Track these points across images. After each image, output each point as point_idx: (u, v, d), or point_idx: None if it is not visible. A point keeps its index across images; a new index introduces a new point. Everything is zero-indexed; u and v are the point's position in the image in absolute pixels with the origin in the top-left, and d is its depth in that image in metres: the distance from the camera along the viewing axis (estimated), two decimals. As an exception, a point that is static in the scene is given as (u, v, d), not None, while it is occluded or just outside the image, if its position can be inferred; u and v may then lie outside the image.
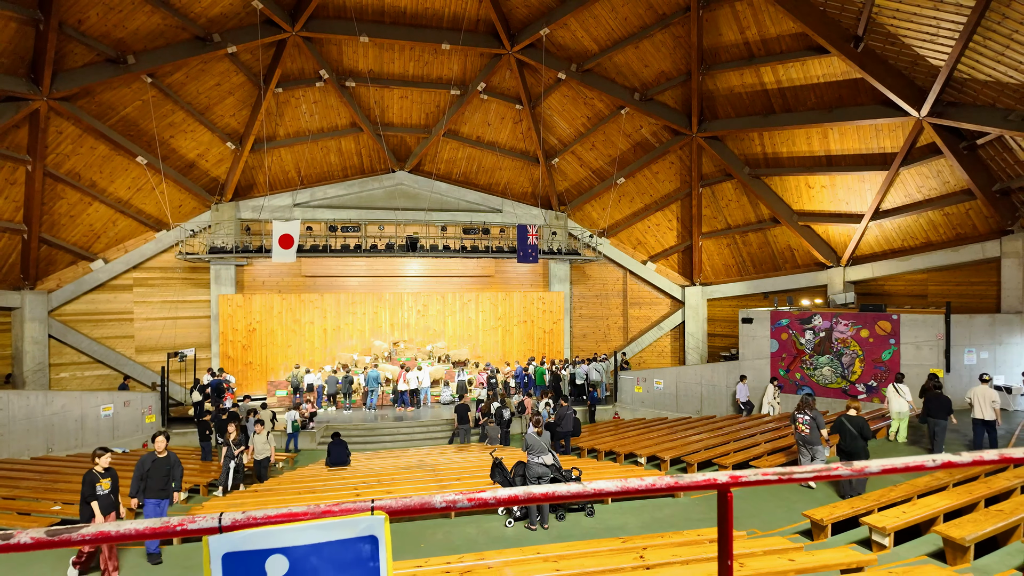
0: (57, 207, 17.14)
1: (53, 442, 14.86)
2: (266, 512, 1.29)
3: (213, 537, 1.33)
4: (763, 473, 1.51)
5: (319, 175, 20.35)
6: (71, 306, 18.08)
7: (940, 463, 1.57)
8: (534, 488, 1.37)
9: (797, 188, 18.27)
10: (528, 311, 21.56)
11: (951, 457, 1.55)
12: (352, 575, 1.38)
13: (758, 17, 15.76)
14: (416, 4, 16.99)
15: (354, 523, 1.38)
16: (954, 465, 1.57)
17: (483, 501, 1.29)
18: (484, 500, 1.29)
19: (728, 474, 1.50)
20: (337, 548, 1.37)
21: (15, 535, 1.23)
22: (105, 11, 14.90)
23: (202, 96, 17.42)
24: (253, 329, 19.19)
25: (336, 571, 1.37)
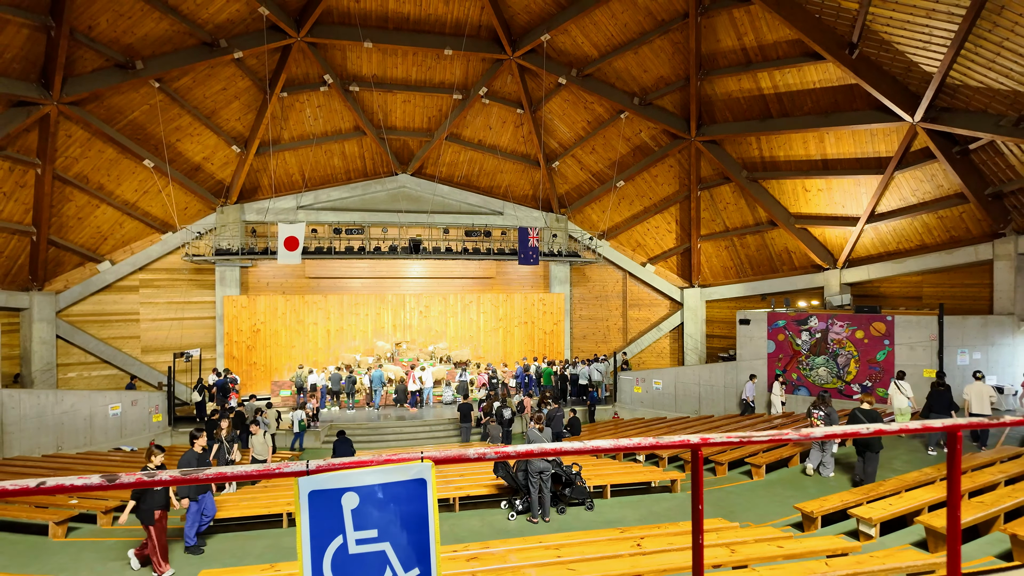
0: (65, 209, 17.53)
1: (63, 440, 15.24)
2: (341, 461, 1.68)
3: (302, 478, 1.73)
4: (728, 436, 1.89)
5: (323, 178, 20.78)
6: (78, 307, 18.46)
7: (873, 431, 1.95)
8: (546, 444, 1.76)
9: (794, 191, 18.68)
10: (529, 312, 21.97)
11: (881, 426, 1.93)
12: (407, 508, 1.79)
13: (755, 24, 16.16)
14: (419, 10, 17.41)
15: (407, 469, 1.78)
16: (884, 433, 1.95)
17: (506, 454, 1.68)
18: (507, 453, 1.68)
19: (699, 436, 1.88)
20: (395, 487, 1.78)
21: (157, 474, 1.61)
22: (115, 18, 15.29)
23: (208, 100, 17.83)
24: (257, 330, 19.59)
25: (395, 505, 1.77)
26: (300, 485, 1.77)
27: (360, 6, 17.11)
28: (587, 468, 10.82)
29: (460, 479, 10.60)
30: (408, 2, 17.16)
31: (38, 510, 9.46)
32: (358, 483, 1.79)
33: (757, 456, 11.38)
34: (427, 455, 1.72)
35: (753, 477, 11.11)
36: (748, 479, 11.11)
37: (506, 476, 9.73)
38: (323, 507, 1.78)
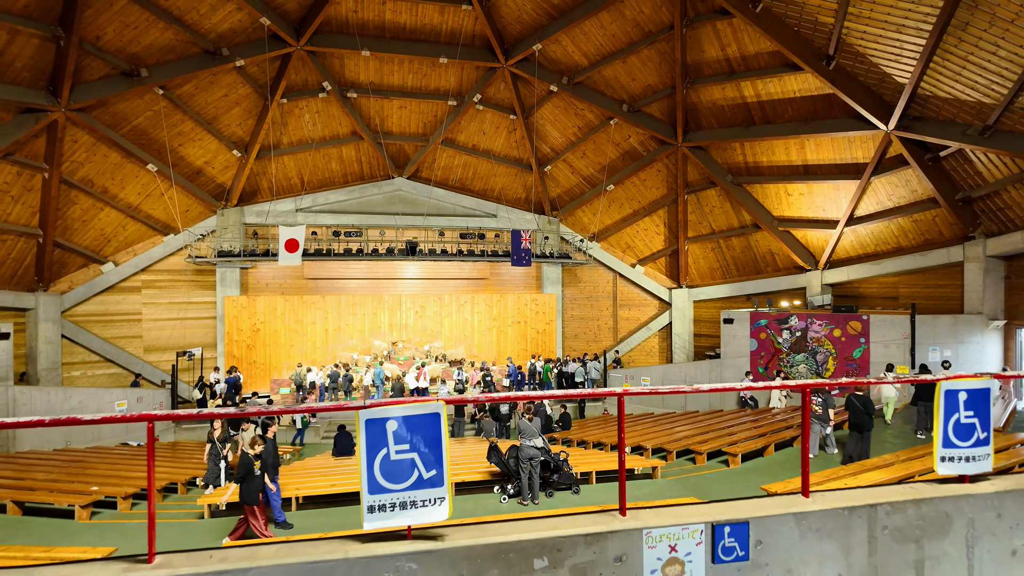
0: (70, 212, 18.39)
1: (71, 435, 16.12)
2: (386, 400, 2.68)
3: (361, 411, 2.74)
4: (648, 388, 2.89)
5: (321, 181, 21.74)
6: (82, 307, 19.32)
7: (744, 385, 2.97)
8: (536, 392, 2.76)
9: (777, 195, 19.78)
10: (522, 312, 23.00)
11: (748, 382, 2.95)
12: (428, 431, 2.81)
13: (737, 36, 17.25)
14: (415, 20, 18.41)
15: (428, 406, 2.80)
16: (753, 388, 2.97)
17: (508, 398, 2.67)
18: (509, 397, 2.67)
19: (623, 388, 2.88)
20: (420, 417, 2.80)
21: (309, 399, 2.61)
22: (121, 27, 16.19)
23: (210, 106, 18.75)
24: (257, 329, 20.52)
25: (420, 429, 2.79)
26: (360, 415, 2.79)
27: (358, 16, 18.08)
28: (574, 456, 11.84)
29: (455, 466, 11.60)
30: (404, 12, 18.14)
31: (64, 495, 10.39)
32: (396, 414, 2.80)
33: (736, 447, 12.43)
34: (440, 397, 2.74)
35: (730, 465, 12.14)
36: (725, 467, 12.14)
37: (498, 462, 10.73)
38: (374, 429, 2.79)
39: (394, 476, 2.86)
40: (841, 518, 3.34)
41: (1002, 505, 3.58)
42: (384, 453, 2.82)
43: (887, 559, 3.39)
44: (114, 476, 12.01)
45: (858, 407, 10.60)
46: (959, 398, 3.60)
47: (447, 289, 22.76)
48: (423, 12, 18.14)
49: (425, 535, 2.93)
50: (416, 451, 2.84)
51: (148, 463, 2.74)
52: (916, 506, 3.45)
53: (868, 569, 3.36)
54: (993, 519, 3.56)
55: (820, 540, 3.31)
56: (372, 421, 2.78)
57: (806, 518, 3.30)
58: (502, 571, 2.87)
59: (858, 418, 10.62)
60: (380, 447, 2.81)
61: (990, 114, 14.26)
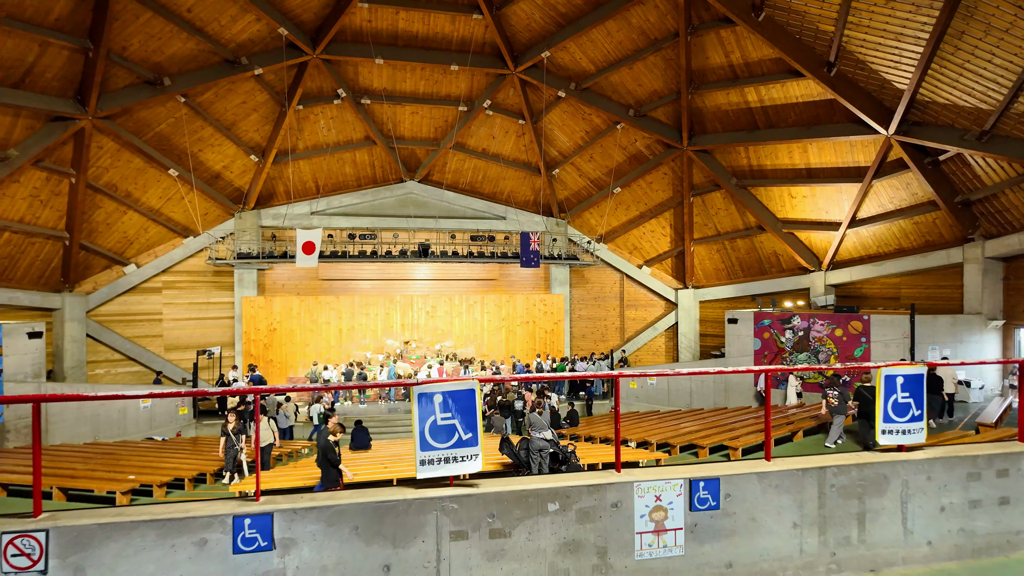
0: (95, 216, 19.48)
1: (99, 430, 17.18)
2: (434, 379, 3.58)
3: (415, 387, 3.65)
4: (639, 372, 3.77)
5: (335, 185, 22.75)
6: (106, 307, 20.41)
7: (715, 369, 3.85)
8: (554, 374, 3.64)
9: (781, 198, 20.57)
10: (530, 312, 23.91)
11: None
12: (465, 403, 3.72)
13: (741, 43, 18.07)
14: (427, 29, 19.35)
15: (466, 383, 3.71)
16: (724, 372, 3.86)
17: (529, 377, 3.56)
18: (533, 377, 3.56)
19: (619, 371, 3.75)
20: (460, 392, 3.72)
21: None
22: (146, 39, 17.23)
23: (229, 113, 19.78)
24: (274, 329, 21.55)
25: (460, 400, 3.70)
26: (413, 390, 3.70)
27: (372, 25, 19.05)
28: (582, 449, 12.74)
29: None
30: (417, 21, 19.09)
31: (104, 482, 11.40)
32: (442, 389, 3.71)
33: (737, 440, 13.28)
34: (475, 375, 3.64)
35: (731, 458, 13.00)
36: (726, 460, 12.99)
37: (510, 453, 11.63)
38: (425, 401, 3.70)
39: (439, 437, 3.77)
40: (796, 477, 4.22)
41: (932, 470, 4.44)
42: (432, 420, 3.72)
43: (834, 511, 4.27)
44: (146, 466, 13.00)
45: (868, 398, 11.51)
46: (897, 382, 4.46)
47: (457, 290, 23.71)
48: (435, 21, 19.07)
49: (463, 483, 3.84)
50: (456, 418, 3.75)
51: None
52: (859, 469, 4.32)
53: (818, 519, 4.24)
54: (924, 481, 4.42)
55: (779, 495, 4.19)
56: (423, 395, 3.69)
57: (767, 477, 4.18)
58: (523, 511, 3.78)
59: (868, 408, 11.50)
60: (429, 415, 3.72)
61: (987, 119, 14.98)
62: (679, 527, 4.00)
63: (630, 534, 3.93)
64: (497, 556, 3.74)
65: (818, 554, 4.24)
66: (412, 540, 3.62)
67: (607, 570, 3.88)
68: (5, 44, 15.27)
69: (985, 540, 4.52)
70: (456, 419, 3.74)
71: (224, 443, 11.80)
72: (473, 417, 3.78)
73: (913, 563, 4.39)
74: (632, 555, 3.93)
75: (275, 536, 3.46)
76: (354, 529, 3.55)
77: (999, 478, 4.56)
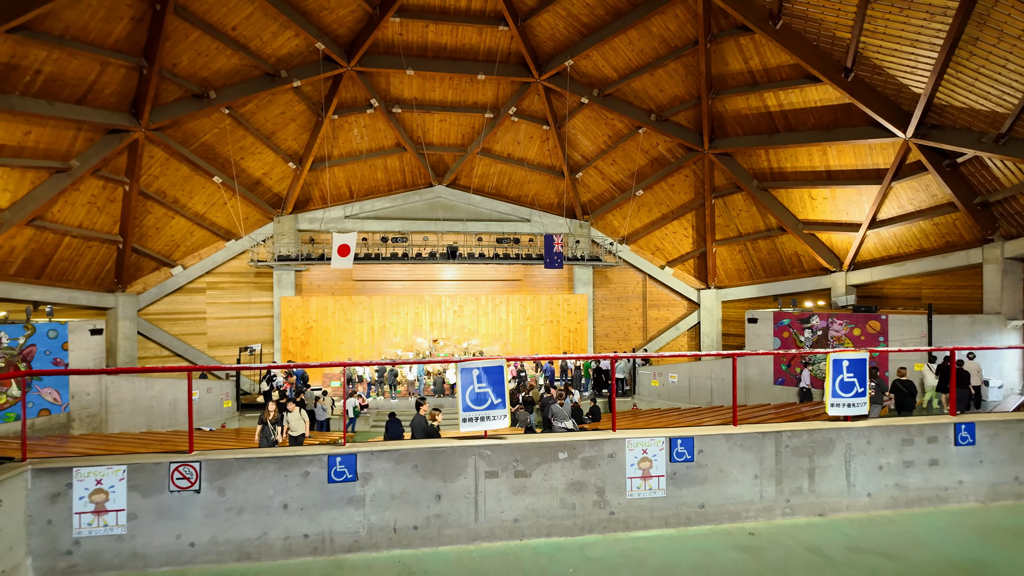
0: (146, 220, 21.47)
1: (152, 421, 19.10)
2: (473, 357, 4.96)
3: (459, 363, 5.05)
4: (642, 354, 5.08)
5: (367, 190, 24.46)
6: (155, 306, 22.43)
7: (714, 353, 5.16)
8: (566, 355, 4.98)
9: (801, 199, 21.51)
10: (554, 312, 25.25)
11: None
12: (496, 375, 5.11)
13: (759, 50, 19.12)
14: (455, 40, 20.85)
15: (497, 361, 5.10)
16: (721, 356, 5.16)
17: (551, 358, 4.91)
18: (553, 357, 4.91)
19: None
20: (492, 368, 5.14)
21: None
22: (194, 55, 19.07)
23: (269, 123, 21.59)
24: (310, 327, 23.34)
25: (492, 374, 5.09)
26: (457, 365, 5.10)
27: (403, 38, 20.63)
28: (600, 438, 14.01)
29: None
30: (446, 33, 20.60)
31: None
32: (479, 365, 5.11)
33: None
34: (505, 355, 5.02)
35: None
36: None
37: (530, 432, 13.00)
38: (466, 374, 5.10)
39: (477, 402, 5.15)
40: (757, 439, 5.50)
41: (871, 435, 5.67)
42: (471, 388, 5.11)
43: (788, 466, 5.53)
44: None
45: (903, 390, 12.57)
46: (843, 364, 5.70)
47: (484, 290, 25.19)
48: (463, 33, 20.56)
49: (494, 436, 5.23)
50: (490, 387, 5.13)
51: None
52: (809, 433, 5.58)
53: (775, 472, 5.51)
54: (864, 444, 5.65)
55: (743, 452, 5.47)
56: (464, 369, 5.09)
57: (733, 438, 5.47)
58: (540, 458, 5.15)
59: (902, 400, 12.54)
60: (468, 384, 5.11)
61: (1004, 123, 15.76)
62: (662, 475, 5.31)
63: (623, 478, 5.26)
64: (520, 491, 5.11)
65: (775, 500, 5.50)
66: (456, 476, 5.02)
67: (605, 505, 5.22)
68: (71, 64, 17.19)
69: (917, 494, 5.72)
70: (489, 388, 5.12)
71: (260, 431, 12.67)
72: (502, 387, 5.16)
73: (855, 510, 5.62)
74: (624, 494, 5.26)
75: (358, 471, 4.89)
76: (414, 467, 4.97)
77: (929, 443, 5.75)
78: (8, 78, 15.99)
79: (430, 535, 4.94)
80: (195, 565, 4.68)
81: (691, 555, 4.86)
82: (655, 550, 4.93)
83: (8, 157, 17.18)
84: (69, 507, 4.60)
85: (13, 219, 17.95)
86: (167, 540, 4.67)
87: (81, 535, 4.60)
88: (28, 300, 18.75)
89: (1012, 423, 5.86)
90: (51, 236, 19.38)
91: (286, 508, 4.79)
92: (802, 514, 5.54)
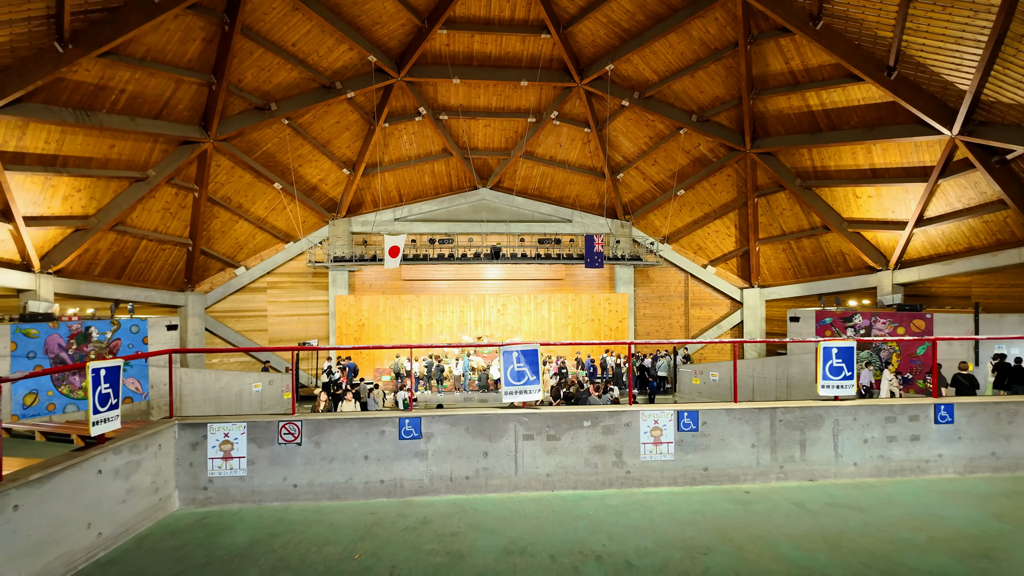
0: (212, 225, 23.79)
1: (220, 410, 21.27)
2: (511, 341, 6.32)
3: (501, 347, 6.43)
4: (656, 341, 6.35)
5: (415, 193, 26.26)
6: (220, 305, 24.77)
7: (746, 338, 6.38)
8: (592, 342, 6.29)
9: (845, 198, 22.01)
10: (595, 311, 26.41)
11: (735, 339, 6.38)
12: (531, 356, 6.48)
13: (800, 50, 19.81)
14: (500, 49, 22.31)
15: (532, 345, 6.46)
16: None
17: (568, 344, 6.23)
18: (570, 343, 6.22)
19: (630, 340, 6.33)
20: (528, 350, 6.49)
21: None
22: (258, 71, 21.15)
23: (325, 132, 23.58)
24: (363, 324, 25.27)
25: (528, 355, 6.46)
26: (500, 349, 6.48)
27: (450, 48, 22.23)
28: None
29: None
30: (490, 43, 22.09)
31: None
32: (517, 349, 6.48)
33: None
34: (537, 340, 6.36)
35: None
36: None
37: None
38: (507, 355, 6.49)
39: (516, 378, 6.52)
40: (754, 413, 6.67)
41: (857, 412, 6.75)
42: (511, 367, 6.48)
43: (782, 437, 6.67)
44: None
45: (964, 384, 13.34)
46: (832, 352, 6.79)
47: (526, 289, 26.59)
48: (506, 42, 22.00)
49: (530, 407, 6.58)
50: (527, 366, 6.48)
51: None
52: (801, 410, 6.71)
53: (770, 442, 6.66)
54: (851, 420, 6.73)
55: (741, 424, 6.65)
56: (506, 352, 6.47)
57: (733, 412, 6.65)
58: (568, 424, 6.48)
59: (964, 393, 13.30)
60: (509, 364, 6.48)
61: (1053, 119, 16.09)
62: (671, 441, 6.55)
63: (637, 444, 6.53)
64: (551, 451, 6.46)
65: (770, 466, 6.66)
66: (500, 437, 6.40)
67: (622, 465, 6.51)
68: (150, 83, 19.45)
69: (899, 464, 6.76)
70: (526, 367, 6.47)
71: None
72: (536, 367, 6.50)
73: (842, 477, 6.71)
74: (639, 457, 6.53)
75: (422, 430, 6.34)
76: (466, 429, 6.38)
77: (911, 421, 6.78)
78: (97, 98, 18.31)
79: (479, 484, 6.34)
80: (297, 502, 6.22)
81: (692, 505, 6.09)
82: (663, 501, 6.18)
83: (96, 168, 19.59)
84: (205, 453, 6.22)
85: (99, 224, 20.45)
86: (276, 481, 6.23)
87: (214, 475, 6.21)
88: (111, 298, 21.25)
89: (989, 405, 6.82)
90: (130, 240, 21.85)
91: (367, 459, 6.28)
92: (794, 479, 6.67)
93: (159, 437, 5.95)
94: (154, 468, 5.81)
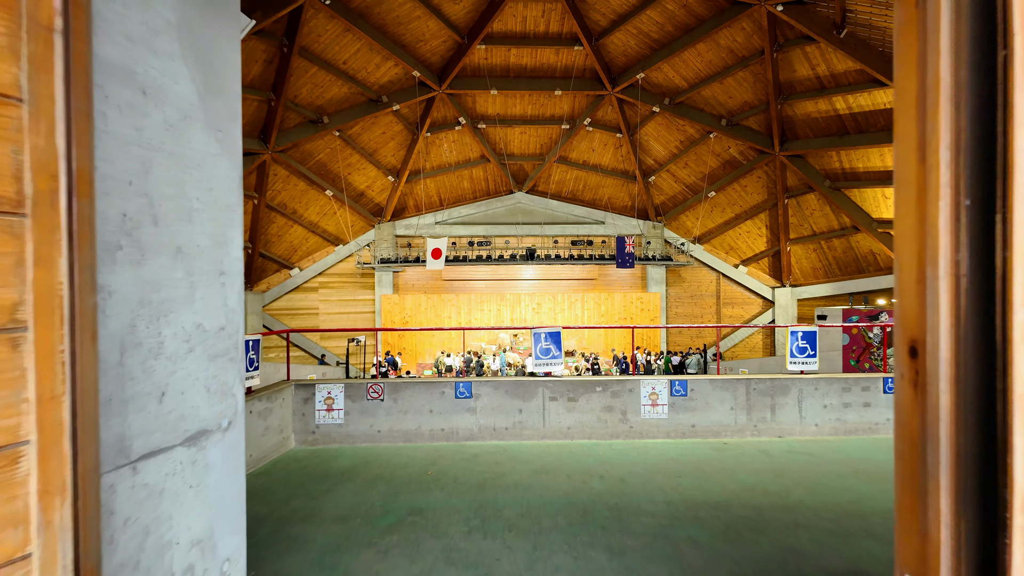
0: (270, 229, 26.84)
1: (279, 399, 24.21)
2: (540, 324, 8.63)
3: (532, 330, 8.78)
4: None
5: (455, 198, 28.85)
6: (276, 303, 27.82)
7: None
8: None
9: (875, 199, 23.58)
10: (628, 309, 28.50)
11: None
12: (555, 337, 8.79)
13: (826, 56, 21.56)
14: (535, 61, 24.68)
15: (556, 328, 8.77)
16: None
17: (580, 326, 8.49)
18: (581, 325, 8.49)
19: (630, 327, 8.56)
20: (553, 332, 8.81)
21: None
22: (312, 87, 24.02)
23: (372, 142, 26.36)
24: (406, 322, 27.98)
25: (553, 335, 8.77)
26: (532, 331, 8.81)
27: (488, 61, 24.71)
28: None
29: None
30: (526, 56, 24.48)
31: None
32: (544, 331, 8.79)
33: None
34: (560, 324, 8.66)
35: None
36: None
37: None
38: (536, 336, 8.82)
39: (543, 353, 8.82)
40: (732, 383, 8.81)
41: (818, 383, 8.83)
42: (540, 344, 8.79)
43: (755, 402, 8.80)
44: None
45: None
46: (798, 335, 8.89)
47: (560, 289, 28.87)
48: (541, 54, 24.36)
49: (554, 377, 8.90)
50: (552, 345, 8.78)
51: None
52: (771, 381, 8.82)
53: (746, 406, 8.80)
54: (812, 389, 8.82)
55: (722, 391, 8.81)
56: (536, 333, 8.79)
57: (715, 381, 8.82)
58: (584, 390, 8.77)
59: None
60: (538, 342, 8.79)
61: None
62: (665, 404, 8.77)
63: (638, 405, 8.77)
64: (571, 410, 8.76)
65: (746, 425, 8.80)
66: (531, 398, 8.73)
67: (626, 421, 8.76)
68: (217, 102, 22.48)
69: (854, 426, 8.82)
70: (551, 345, 8.77)
71: None
72: (559, 345, 8.79)
73: (805, 435, 8.81)
74: (640, 415, 8.77)
75: (472, 392, 8.72)
76: (506, 391, 8.74)
77: (863, 391, 8.83)
78: (174, 117, 21.39)
79: (516, 433, 8.69)
80: (381, 443, 8.68)
81: (680, 450, 8.30)
82: (656, 447, 8.42)
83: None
84: (313, 407, 8.74)
85: (173, 230, 23.62)
86: (365, 428, 8.70)
87: (319, 423, 8.72)
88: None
89: (928, 378, 8.80)
90: (198, 244, 25.00)
91: (431, 412, 8.70)
92: (766, 436, 8.81)
93: (282, 393, 8.50)
94: (280, 415, 8.35)
